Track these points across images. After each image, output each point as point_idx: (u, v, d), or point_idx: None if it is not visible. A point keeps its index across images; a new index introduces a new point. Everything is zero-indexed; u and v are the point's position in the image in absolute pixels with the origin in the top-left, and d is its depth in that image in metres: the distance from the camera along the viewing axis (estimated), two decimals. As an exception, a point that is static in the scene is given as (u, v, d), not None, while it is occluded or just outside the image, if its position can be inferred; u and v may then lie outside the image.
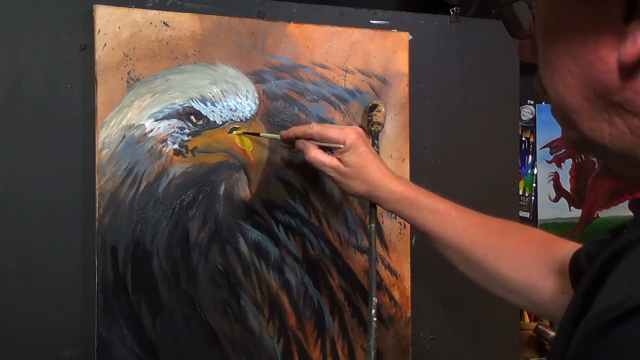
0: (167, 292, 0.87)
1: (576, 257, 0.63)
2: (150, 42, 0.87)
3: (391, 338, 0.98)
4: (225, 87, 0.90)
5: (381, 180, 0.77)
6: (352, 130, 0.79)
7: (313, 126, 0.81)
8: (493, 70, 1.08)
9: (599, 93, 0.38)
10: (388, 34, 0.99)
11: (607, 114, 0.39)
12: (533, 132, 1.47)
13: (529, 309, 0.90)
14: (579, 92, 0.39)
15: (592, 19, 0.37)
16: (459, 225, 0.74)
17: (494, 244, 0.73)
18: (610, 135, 0.39)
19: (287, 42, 0.94)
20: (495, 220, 0.76)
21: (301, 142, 0.82)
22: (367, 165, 0.78)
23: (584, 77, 0.39)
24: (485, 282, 0.75)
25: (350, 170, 0.78)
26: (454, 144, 1.06)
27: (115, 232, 0.85)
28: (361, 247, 0.97)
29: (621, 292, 0.32)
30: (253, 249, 0.91)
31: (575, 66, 0.39)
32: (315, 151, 0.79)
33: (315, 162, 0.79)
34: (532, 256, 0.71)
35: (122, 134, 0.85)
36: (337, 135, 0.78)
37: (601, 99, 0.38)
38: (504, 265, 0.72)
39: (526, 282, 0.70)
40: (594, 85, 0.38)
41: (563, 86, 0.40)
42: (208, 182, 0.89)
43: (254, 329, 0.91)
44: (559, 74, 0.40)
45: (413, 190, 0.77)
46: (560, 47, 0.40)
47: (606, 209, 1.51)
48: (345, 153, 0.78)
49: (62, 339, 0.85)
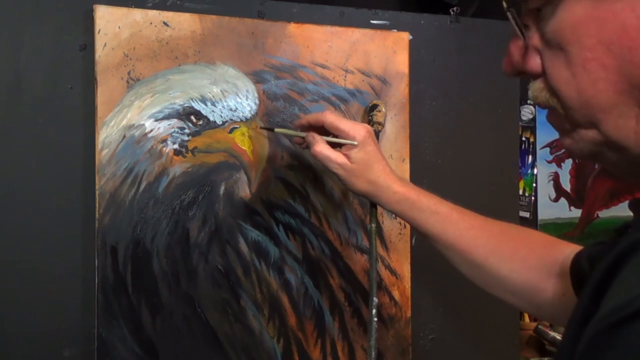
0: (167, 292, 0.87)
1: (577, 260, 0.63)
2: (150, 42, 0.87)
3: (391, 338, 0.98)
4: (226, 87, 0.90)
5: (385, 181, 0.77)
6: (363, 127, 0.79)
7: (326, 114, 0.80)
8: (493, 70, 1.07)
9: (636, 83, 0.37)
10: (388, 34, 0.99)
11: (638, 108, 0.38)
12: (533, 132, 1.47)
13: (529, 310, 0.90)
14: (613, 86, 0.38)
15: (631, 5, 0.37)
16: (460, 226, 0.74)
17: (494, 246, 0.73)
18: (636, 134, 0.39)
19: (287, 42, 0.94)
20: (497, 222, 0.76)
21: (310, 134, 0.81)
22: (373, 165, 0.77)
23: (621, 67, 0.38)
24: (486, 283, 0.75)
25: (356, 167, 0.77)
26: (454, 144, 1.06)
27: (115, 232, 0.85)
28: (361, 247, 0.97)
29: (630, 291, 0.32)
30: (253, 249, 0.91)
31: (611, 57, 0.38)
32: (321, 145, 0.79)
33: (321, 157, 0.78)
34: (533, 258, 0.71)
35: (122, 134, 0.85)
36: (349, 129, 0.78)
37: (637, 90, 0.38)
38: (504, 267, 0.72)
39: (527, 284, 0.70)
40: (632, 75, 0.37)
41: (590, 82, 0.39)
42: (208, 182, 0.89)
43: (254, 329, 0.91)
44: (587, 70, 0.39)
45: (414, 191, 0.77)
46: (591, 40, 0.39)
47: (606, 209, 1.51)
48: (354, 150, 0.77)
49: (62, 339, 0.85)
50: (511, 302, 0.74)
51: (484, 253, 0.73)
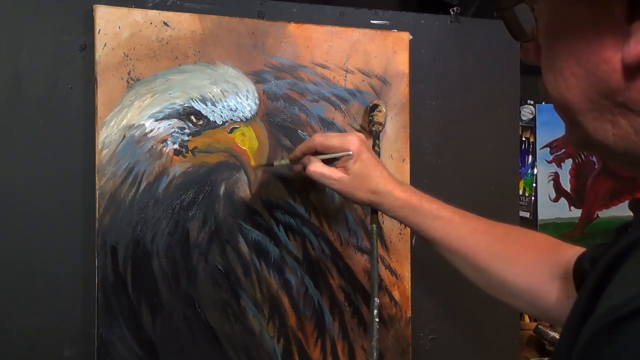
0: (167, 292, 0.87)
1: (580, 262, 0.63)
2: (150, 42, 0.87)
3: (391, 338, 0.98)
4: (226, 87, 0.90)
5: (385, 187, 0.77)
6: (354, 137, 0.79)
7: (315, 138, 0.80)
8: (493, 70, 1.08)
9: (603, 94, 0.38)
10: (388, 34, 0.99)
11: (610, 114, 0.39)
12: (533, 132, 1.47)
13: (534, 313, 0.90)
14: (583, 93, 0.40)
15: (595, 20, 0.37)
16: (462, 230, 0.74)
17: (498, 249, 0.73)
18: (614, 135, 0.39)
19: (287, 42, 0.94)
20: (499, 225, 0.76)
21: (305, 157, 0.81)
22: (371, 173, 0.77)
23: (588, 78, 0.39)
24: (490, 287, 0.74)
25: (354, 178, 0.77)
26: (454, 144, 1.06)
27: (115, 232, 0.85)
28: (361, 248, 0.97)
29: (628, 289, 0.32)
30: (253, 249, 0.91)
31: (579, 68, 0.39)
32: (315, 164, 0.78)
33: (316, 176, 0.78)
34: (537, 261, 0.71)
35: (122, 134, 0.85)
36: (340, 143, 0.78)
37: (605, 99, 0.39)
38: (508, 270, 0.72)
39: (531, 287, 0.70)
40: (598, 86, 0.38)
41: (566, 88, 0.40)
42: (208, 182, 0.89)
43: (254, 329, 0.91)
44: (563, 76, 0.40)
45: (416, 196, 0.76)
46: (563, 49, 0.40)
47: (606, 209, 1.51)
48: (350, 161, 0.77)
49: (62, 338, 0.85)
50: (515, 305, 0.74)
51: (487, 257, 0.73)
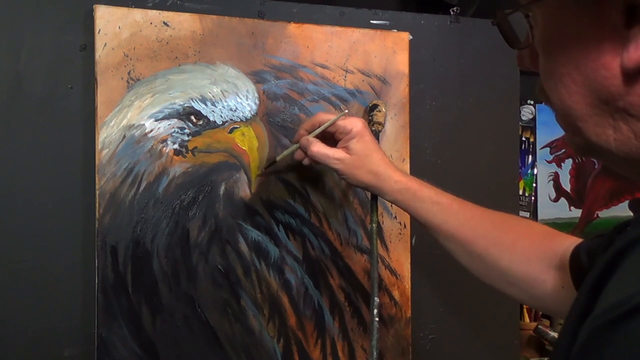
0: (167, 292, 0.87)
1: (576, 253, 0.63)
2: (150, 42, 0.87)
3: (391, 338, 0.98)
4: (226, 87, 0.90)
5: (385, 170, 0.78)
6: (358, 119, 0.81)
7: (318, 114, 0.84)
8: (493, 70, 1.08)
9: (604, 99, 0.38)
10: (388, 34, 0.99)
11: (612, 119, 0.39)
12: (533, 132, 1.47)
13: (528, 302, 0.91)
14: (584, 99, 0.40)
15: (593, 27, 0.37)
16: (460, 217, 0.75)
17: (495, 237, 0.73)
18: (615, 140, 0.39)
19: (287, 42, 0.94)
20: (497, 213, 0.76)
21: (303, 138, 0.82)
22: (372, 154, 0.78)
23: (587, 84, 0.39)
24: (486, 274, 0.75)
25: (356, 158, 0.78)
26: (454, 144, 1.06)
27: (115, 232, 0.85)
28: (361, 247, 0.97)
29: (628, 288, 0.32)
30: (253, 249, 0.91)
31: (579, 74, 0.39)
32: (317, 145, 0.80)
33: (318, 156, 0.79)
34: (533, 249, 0.71)
35: (122, 134, 0.85)
36: (342, 120, 0.80)
37: (605, 104, 0.39)
38: (505, 257, 0.72)
39: (527, 275, 0.71)
40: (598, 92, 0.38)
41: (567, 94, 0.40)
42: (208, 182, 0.89)
43: (254, 329, 0.91)
44: (563, 82, 0.40)
45: (415, 181, 0.78)
46: (562, 56, 0.40)
47: (606, 209, 1.51)
48: (352, 140, 0.78)
49: (62, 338, 0.85)
50: (511, 294, 0.74)
51: (484, 243, 0.73)
